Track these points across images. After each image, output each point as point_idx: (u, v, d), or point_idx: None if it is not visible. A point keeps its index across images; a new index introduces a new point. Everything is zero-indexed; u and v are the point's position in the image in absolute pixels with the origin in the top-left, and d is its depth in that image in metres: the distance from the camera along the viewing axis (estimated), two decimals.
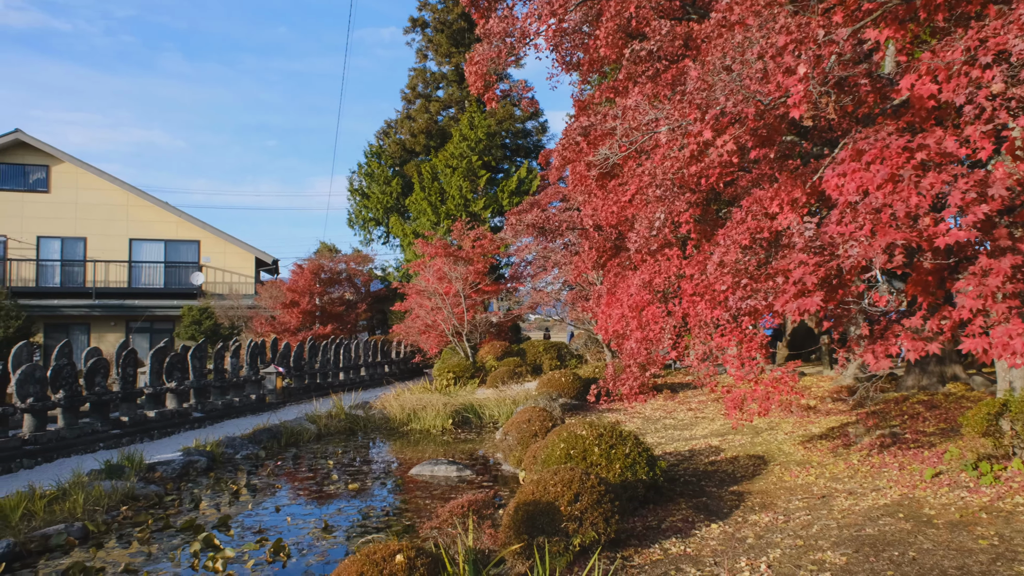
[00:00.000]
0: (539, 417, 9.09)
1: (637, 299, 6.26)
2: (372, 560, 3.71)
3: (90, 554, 5.49)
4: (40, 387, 9.60)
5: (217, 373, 13.80)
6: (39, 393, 9.55)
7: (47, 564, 5.28)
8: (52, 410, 9.88)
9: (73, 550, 5.61)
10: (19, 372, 9.47)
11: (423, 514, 6.54)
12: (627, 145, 5.06)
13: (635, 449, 6.04)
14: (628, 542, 5.00)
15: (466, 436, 11.36)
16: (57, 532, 5.74)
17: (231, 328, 25.28)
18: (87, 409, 10.75)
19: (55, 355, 13.08)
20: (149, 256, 27.77)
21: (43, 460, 9.13)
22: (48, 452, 9.25)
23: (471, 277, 19.67)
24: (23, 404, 9.37)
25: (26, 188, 26.57)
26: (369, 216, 32.55)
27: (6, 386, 9.54)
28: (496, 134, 30.05)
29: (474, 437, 11.25)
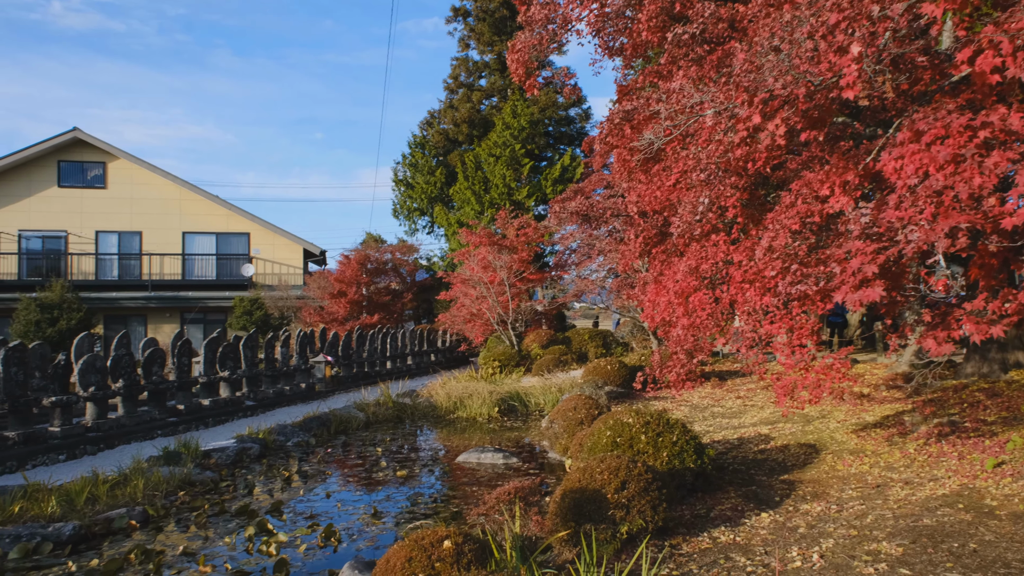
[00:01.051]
0: (585, 405, 9.07)
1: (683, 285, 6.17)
2: (421, 545, 3.75)
3: (150, 537, 5.67)
4: (101, 377, 9.93)
5: (268, 362, 14.09)
6: (100, 382, 9.89)
7: (111, 546, 5.47)
8: (112, 399, 10.22)
9: (134, 533, 5.80)
10: (81, 362, 9.81)
11: (470, 501, 6.59)
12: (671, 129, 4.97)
13: (682, 437, 5.97)
14: (676, 530, 4.96)
15: (512, 424, 11.40)
16: (119, 516, 5.94)
17: (281, 318, 25.78)
18: (145, 398, 11.09)
19: (114, 345, 13.51)
20: (201, 249, 28.47)
21: (105, 447, 9.46)
22: (109, 439, 9.58)
23: (515, 265, 19.69)
24: (85, 393, 9.71)
25: (85, 185, 27.45)
26: (413, 206, 32.78)
27: (69, 376, 9.89)
28: (539, 122, 29.94)
29: (520, 425, 11.28)
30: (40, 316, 21.58)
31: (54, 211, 26.97)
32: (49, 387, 9.47)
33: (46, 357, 10.19)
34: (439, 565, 3.64)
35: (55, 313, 21.85)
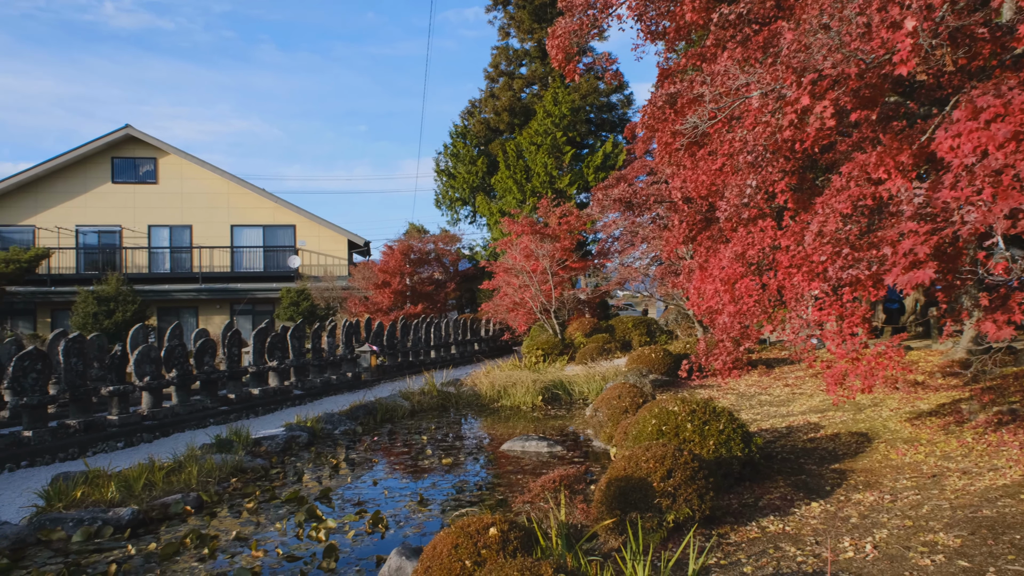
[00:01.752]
0: (629, 393, 9.01)
1: (729, 272, 6.06)
2: (467, 533, 3.77)
3: (204, 522, 5.83)
4: (155, 367, 10.22)
5: (315, 352, 14.33)
6: (155, 372, 10.18)
7: (167, 531, 5.64)
8: (166, 388, 10.51)
9: (189, 518, 5.97)
10: (136, 353, 10.11)
11: (515, 488, 6.61)
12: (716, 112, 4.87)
13: (729, 425, 5.89)
14: (723, 519, 4.90)
15: (556, 412, 11.40)
16: (175, 501, 6.12)
17: (326, 309, 26.17)
18: (197, 387, 11.38)
19: (167, 336, 13.89)
20: (249, 241, 29.04)
21: (160, 435, 9.74)
22: (164, 427, 9.86)
23: (558, 254, 19.63)
24: (141, 383, 10.00)
25: (137, 180, 28.21)
26: (455, 196, 32.89)
27: (125, 366, 10.20)
28: (580, 109, 29.72)
29: (564, 413, 11.27)
30: (97, 308, 22.29)
31: (109, 206, 27.79)
32: (107, 377, 9.78)
33: (104, 348, 10.53)
34: (485, 552, 3.66)
35: (111, 305, 22.54)
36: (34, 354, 8.63)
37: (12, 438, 8.06)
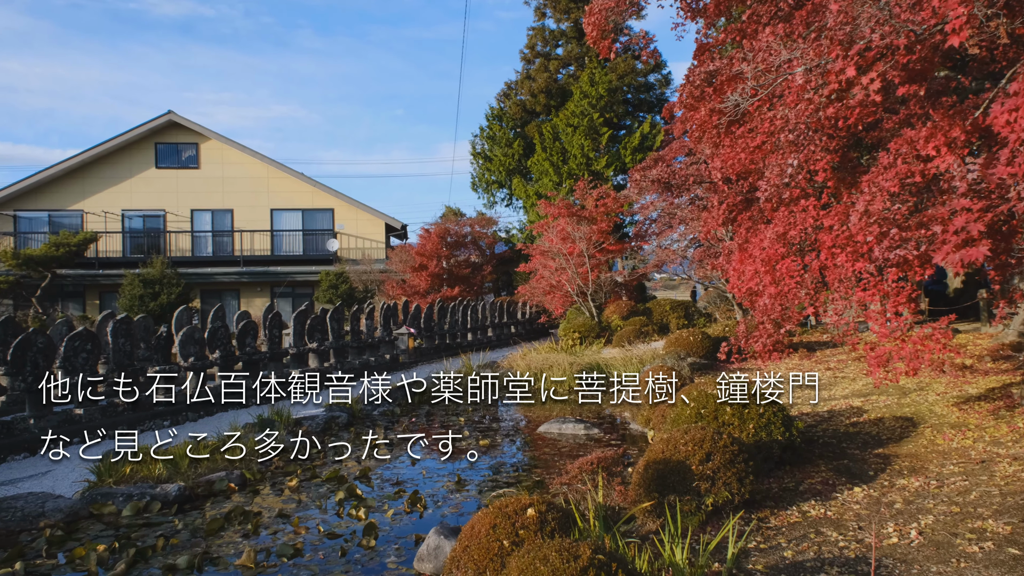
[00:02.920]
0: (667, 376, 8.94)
1: (770, 253, 5.95)
2: (504, 513, 3.79)
3: (248, 499, 5.96)
4: (199, 347, 10.44)
5: (353, 334, 14.50)
6: (199, 353, 10.40)
7: (212, 507, 5.78)
8: (210, 368, 10.74)
9: (233, 495, 6.10)
10: (181, 334, 10.33)
11: (552, 470, 6.62)
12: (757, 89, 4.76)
13: (769, 409, 5.81)
14: (763, 503, 4.85)
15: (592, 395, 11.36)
16: (219, 479, 6.26)
17: (364, 291, 26.44)
18: (239, 368, 11.60)
19: (210, 318, 14.17)
20: (288, 225, 29.42)
21: (204, 414, 9.96)
22: (208, 406, 10.08)
23: (594, 236, 19.51)
24: (185, 363, 10.23)
25: (180, 165, 28.72)
26: (492, 179, 32.85)
27: (170, 347, 10.44)
28: (617, 90, 29.37)
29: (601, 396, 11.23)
30: (143, 291, 22.83)
31: (153, 191, 28.37)
32: (153, 357, 10.03)
33: (149, 329, 10.78)
34: (523, 532, 3.67)
35: (156, 288, 23.06)
36: (84, 335, 8.87)
37: (65, 415, 8.32)
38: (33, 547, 4.88)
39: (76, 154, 27.59)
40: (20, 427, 7.89)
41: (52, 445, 7.94)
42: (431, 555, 4.24)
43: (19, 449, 7.63)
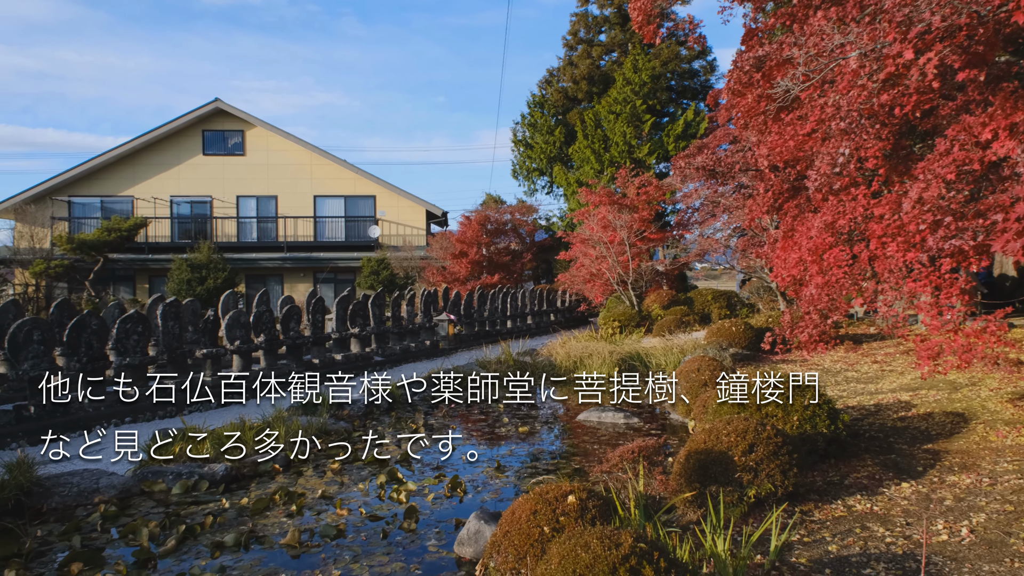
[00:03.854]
0: (708, 366, 8.85)
1: (817, 242, 5.83)
2: (545, 499, 3.80)
3: (292, 480, 6.07)
4: (245, 331, 10.65)
5: (394, 320, 14.64)
6: (244, 336, 10.61)
7: (257, 487, 5.91)
8: (255, 352, 10.95)
9: (277, 476, 6.23)
10: (227, 318, 10.55)
11: (591, 458, 6.62)
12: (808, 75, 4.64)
13: (815, 401, 5.71)
14: (807, 496, 4.77)
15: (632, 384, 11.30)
16: (264, 460, 6.40)
17: (405, 278, 26.66)
18: (283, 352, 11.82)
19: (255, 303, 14.43)
20: (331, 211, 29.77)
21: (250, 396, 10.16)
22: (253, 389, 10.28)
23: (636, 225, 19.35)
24: (232, 346, 10.45)
25: (226, 152, 29.24)
26: (532, 166, 32.77)
27: (217, 330, 10.67)
28: (661, 76, 28.98)
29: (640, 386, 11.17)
30: (191, 275, 23.36)
31: (200, 177, 28.95)
32: (200, 340, 10.26)
33: (197, 312, 11.03)
34: (563, 519, 3.68)
35: (203, 272, 23.57)
36: (135, 317, 9.12)
37: (117, 395, 8.58)
38: (88, 521, 5.05)
39: (126, 141, 28.28)
40: (75, 406, 8.16)
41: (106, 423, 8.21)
42: (471, 539, 4.27)
43: (75, 427, 7.89)
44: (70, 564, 4.16)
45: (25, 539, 4.59)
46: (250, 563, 4.23)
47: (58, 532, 4.83)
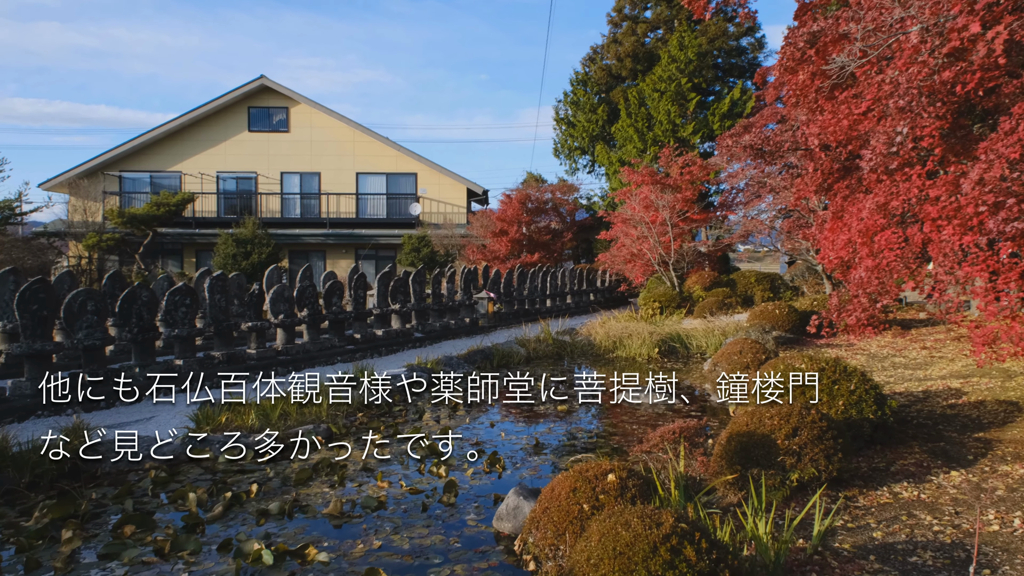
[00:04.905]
0: (751, 349, 8.73)
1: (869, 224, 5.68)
2: (585, 477, 3.80)
3: (333, 452, 6.18)
4: (288, 305, 10.83)
5: (435, 297, 14.73)
6: (288, 311, 10.79)
7: (300, 458, 6.03)
8: (298, 326, 11.14)
9: (320, 448, 6.34)
10: (272, 292, 10.73)
11: (630, 438, 6.60)
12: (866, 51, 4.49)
13: (861, 386, 5.60)
14: (851, 482, 4.69)
15: (672, 365, 11.23)
16: (307, 431, 6.52)
17: (445, 255, 26.79)
18: (326, 326, 11.99)
19: (299, 277, 14.64)
20: (373, 188, 29.99)
21: (293, 369, 10.36)
22: (296, 362, 10.48)
23: (678, 205, 19.10)
24: (276, 320, 10.64)
25: (270, 129, 29.59)
26: (574, 145, 32.51)
27: (262, 304, 10.87)
28: (707, 54, 28.41)
29: (680, 367, 11.10)
30: (236, 250, 23.80)
31: (245, 154, 29.38)
32: (246, 313, 10.46)
33: (243, 287, 11.24)
34: (603, 497, 3.68)
35: (248, 248, 24.00)
36: (183, 290, 9.33)
37: (166, 366, 8.81)
38: (139, 486, 5.22)
39: (174, 118, 28.81)
40: (127, 374, 8.40)
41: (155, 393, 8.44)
42: (510, 515, 4.30)
43: (126, 395, 8.13)
44: (123, 526, 4.30)
45: (81, 501, 4.76)
46: (294, 531, 4.33)
47: (111, 495, 5.00)
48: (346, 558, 3.91)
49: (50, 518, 4.45)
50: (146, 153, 28.99)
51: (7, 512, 4.72)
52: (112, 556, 3.93)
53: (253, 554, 3.84)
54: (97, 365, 8.19)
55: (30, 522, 4.43)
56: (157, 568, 3.79)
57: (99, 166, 28.35)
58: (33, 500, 4.91)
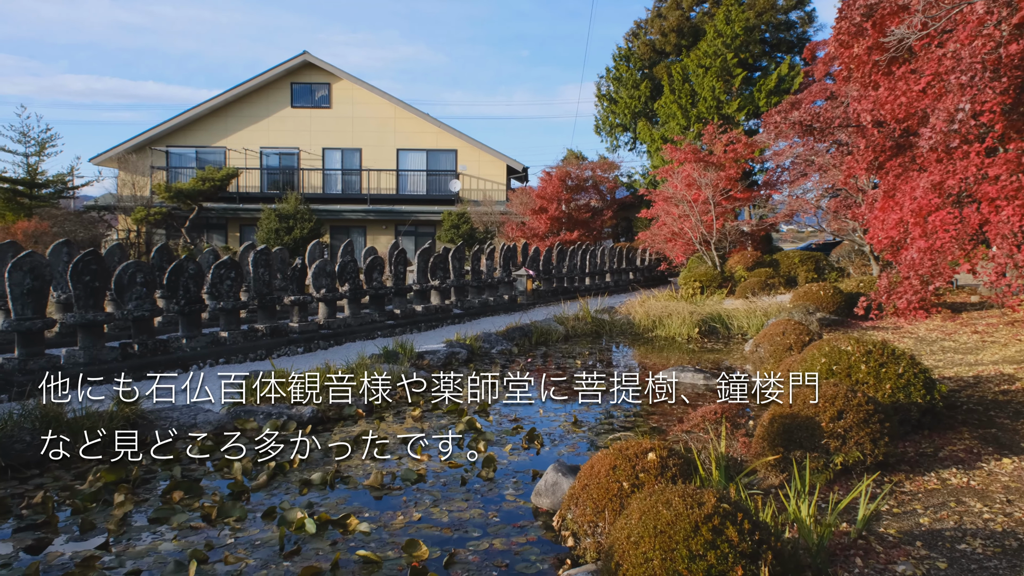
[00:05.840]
0: (794, 330, 8.58)
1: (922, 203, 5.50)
2: (625, 455, 3.78)
3: (374, 425, 6.27)
4: (330, 280, 10.96)
5: (474, 274, 14.77)
6: (330, 285, 10.92)
7: (341, 430, 6.12)
8: (340, 300, 11.27)
9: (360, 421, 6.44)
10: (314, 267, 10.87)
11: (669, 418, 6.56)
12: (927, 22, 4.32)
13: (909, 369, 5.46)
14: (898, 467, 4.60)
15: (712, 346, 11.12)
16: (348, 404, 6.61)
17: (485, 232, 26.81)
18: (366, 301, 12.12)
19: (340, 253, 14.81)
20: (413, 165, 30.08)
21: (334, 343, 10.51)
22: (338, 336, 10.62)
23: (721, 183, 18.78)
24: (318, 294, 10.78)
25: (312, 105, 29.80)
26: (616, 122, 32.13)
27: (304, 279, 11.02)
28: (754, 28, 27.73)
29: (721, 347, 10.97)
30: (278, 225, 24.13)
31: (287, 130, 29.67)
32: (289, 287, 10.62)
33: (286, 261, 11.39)
34: (643, 476, 3.66)
35: (290, 223, 24.32)
36: (229, 263, 9.49)
37: (212, 337, 9.00)
38: (187, 454, 5.35)
39: (219, 94, 29.17)
40: (174, 346, 8.61)
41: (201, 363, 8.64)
42: (548, 491, 4.31)
43: (173, 366, 8.34)
44: (172, 492, 4.42)
45: (132, 467, 4.91)
46: (335, 501, 4.40)
47: (161, 462, 5.14)
48: (386, 529, 3.97)
49: (103, 482, 4.60)
50: (192, 128, 29.46)
51: (63, 475, 4.89)
52: (162, 520, 4.05)
53: (296, 522, 3.91)
54: (146, 335, 8.41)
55: (84, 485, 4.58)
56: (205, 533, 3.89)
57: (147, 141, 28.90)
58: (86, 465, 5.08)
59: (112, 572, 3.46)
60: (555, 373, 8.88)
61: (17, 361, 7.11)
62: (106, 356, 7.84)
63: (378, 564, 3.51)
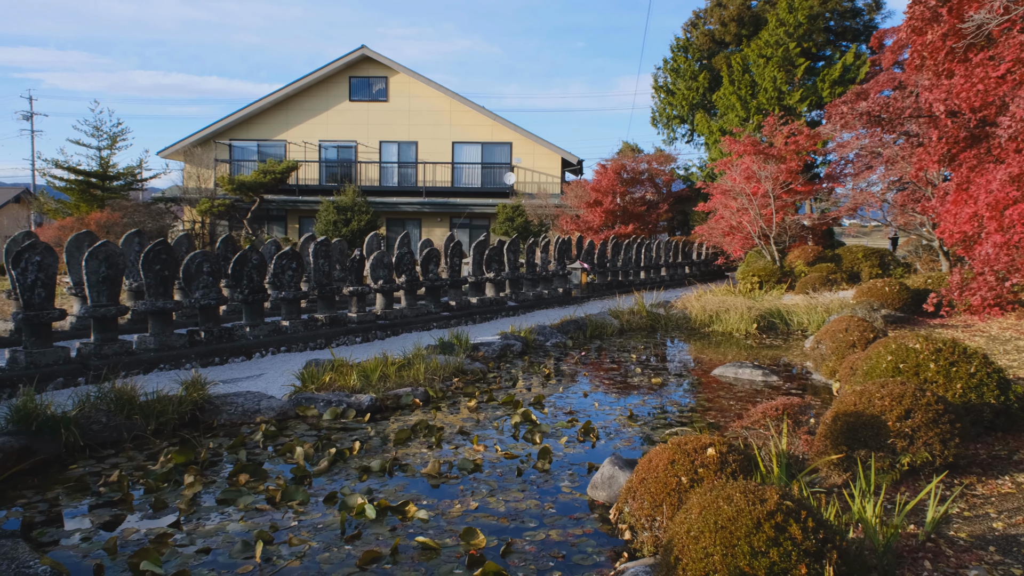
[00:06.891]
0: (858, 327, 8.35)
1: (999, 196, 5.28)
2: (684, 450, 3.75)
3: (430, 415, 6.34)
4: (387, 271, 11.12)
5: (528, 267, 14.79)
6: (387, 276, 11.08)
7: (398, 419, 6.22)
8: (396, 292, 11.43)
9: (417, 410, 6.52)
10: (372, 258, 11.04)
11: (727, 414, 6.46)
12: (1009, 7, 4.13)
13: (982, 369, 5.26)
14: (968, 469, 4.44)
15: (771, 342, 10.90)
16: (406, 393, 6.71)
17: (539, 225, 26.79)
18: (422, 293, 12.26)
19: (397, 244, 14.99)
20: (468, 158, 30.23)
21: (391, 333, 10.66)
22: (395, 327, 10.77)
23: (782, 176, 18.36)
24: (375, 285, 10.95)
25: (370, 98, 30.19)
26: (673, 114, 31.69)
27: (362, 270, 11.20)
28: (819, 16, 26.97)
29: (780, 343, 10.75)
30: (337, 217, 24.58)
31: (345, 123, 30.13)
32: (347, 278, 10.81)
33: (344, 252, 11.60)
34: (702, 471, 3.62)
35: (348, 215, 24.74)
36: (290, 254, 9.71)
37: (274, 326, 9.24)
38: (252, 439, 5.52)
39: (279, 88, 29.81)
40: (238, 334, 8.87)
41: (263, 351, 8.87)
42: (605, 484, 4.30)
43: (237, 353, 8.59)
44: (238, 475, 4.57)
45: (200, 449, 5.08)
46: (394, 488, 4.48)
47: (227, 446, 5.31)
48: (444, 517, 4.02)
49: (173, 463, 4.78)
50: (253, 122, 30.18)
51: (136, 456, 5.09)
52: (229, 501, 4.19)
53: (357, 508, 4.00)
54: (212, 323, 8.68)
55: (156, 466, 4.77)
56: (269, 515, 4.00)
57: (211, 135, 29.74)
58: (158, 446, 5.28)
59: (184, 549, 3.59)
60: (610, 367, 8.84)
61: (93, 346, 7.42)
62: (175, 342, 8.12)
63: (436, 551, 3.56)
